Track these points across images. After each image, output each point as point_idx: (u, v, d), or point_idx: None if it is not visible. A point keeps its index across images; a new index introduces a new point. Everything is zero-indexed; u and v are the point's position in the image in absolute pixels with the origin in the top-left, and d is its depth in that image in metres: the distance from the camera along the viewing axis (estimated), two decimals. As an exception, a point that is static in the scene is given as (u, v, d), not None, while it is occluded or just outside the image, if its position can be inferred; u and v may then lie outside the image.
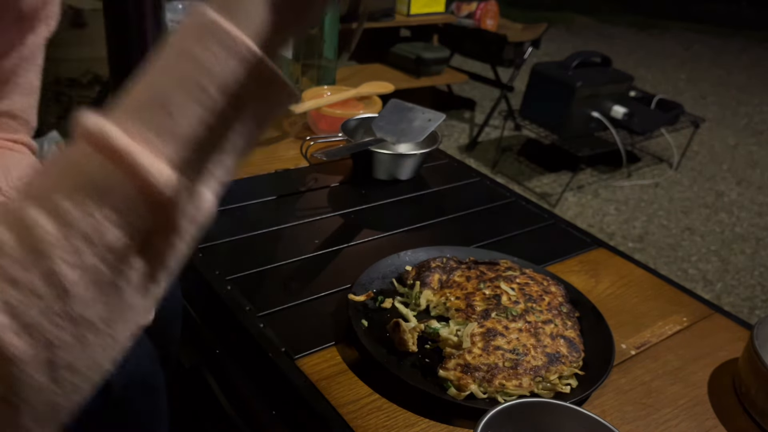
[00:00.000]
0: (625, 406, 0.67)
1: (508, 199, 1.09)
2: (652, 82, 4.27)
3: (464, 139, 3.08)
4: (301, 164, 1.11)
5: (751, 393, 0.68)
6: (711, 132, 3.47)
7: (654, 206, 2.64)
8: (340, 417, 0.62)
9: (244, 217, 0.94)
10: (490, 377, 0.65)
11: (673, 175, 2.94)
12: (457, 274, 0.79)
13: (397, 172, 1.09)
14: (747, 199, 2.80)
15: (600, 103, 2.58)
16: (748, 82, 4.54)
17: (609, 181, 2.80)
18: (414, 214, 1.01)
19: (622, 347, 0.75)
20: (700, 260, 2.30)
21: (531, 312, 0.73)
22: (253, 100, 0.34)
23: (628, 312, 0.82)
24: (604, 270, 0.91)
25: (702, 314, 0.83)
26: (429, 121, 1.08)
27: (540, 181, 2.74)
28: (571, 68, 2.53)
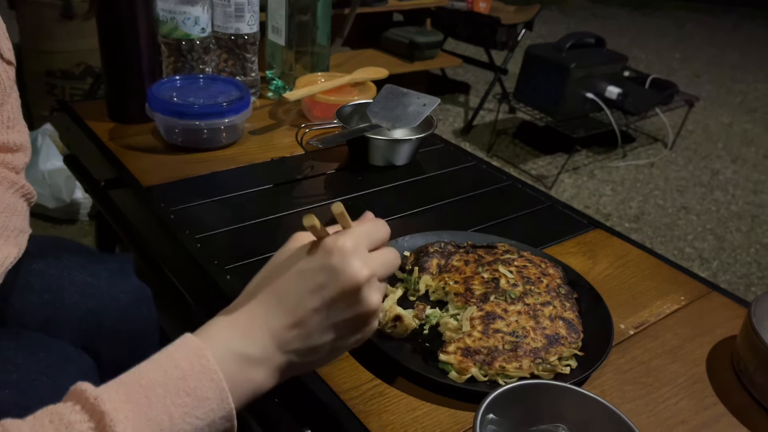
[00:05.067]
0: (625, 385, 0.68)
1: (505, 182, 1.09)
2: (646, 61, 4.26)
3: (459, 123, 3.07)
4: (297, 152, 1.10)
5: (750, 370, 0.68)
6: (705, 111, 3.47)
7: (649, 186, 2.65)
8: (343, 403, 0.62)
9: (241, 207, 0.94)
10: (491, 360, 0.65)
11: (668, 154, 2.94)
12: (455, 259, 0.79)
13: (393, 158, 1.09)
14: (742, 177, 2.80)
15: (594, 84, 2.57)
16: (742, 60, 4.54)
17: (604, 161, 2.80)
18: (411, 199, 1.01)
19: (621, 327, 0.76)
20: (696, 239, 2.31)
21: (529, 294, 0.73)
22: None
23: (626, 292, 0.83)
24: (602, 251, 0.91)
25: (699, 293, 0.84)
26: (424, 105, 1.07)
27: (536, 163, 2.74)
28: (565, 50, 2.52)
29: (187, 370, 0.43)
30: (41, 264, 0.72)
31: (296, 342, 0.47)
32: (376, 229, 0.52)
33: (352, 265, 0.47)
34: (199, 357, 0.44)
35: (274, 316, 0.47)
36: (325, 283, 0.47)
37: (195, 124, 1.04)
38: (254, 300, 0.48)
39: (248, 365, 0.46)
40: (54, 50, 2.11)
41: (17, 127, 0.68)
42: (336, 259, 0.47)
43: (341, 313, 0.48)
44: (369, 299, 0.48)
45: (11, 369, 0.59)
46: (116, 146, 1.06)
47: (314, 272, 0.47)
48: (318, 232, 0.49)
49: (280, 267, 0.49)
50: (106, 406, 0.39)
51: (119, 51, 1.11)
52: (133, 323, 0.76)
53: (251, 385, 0.46)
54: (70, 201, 1.90)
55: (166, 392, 0.42)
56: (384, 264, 0.51)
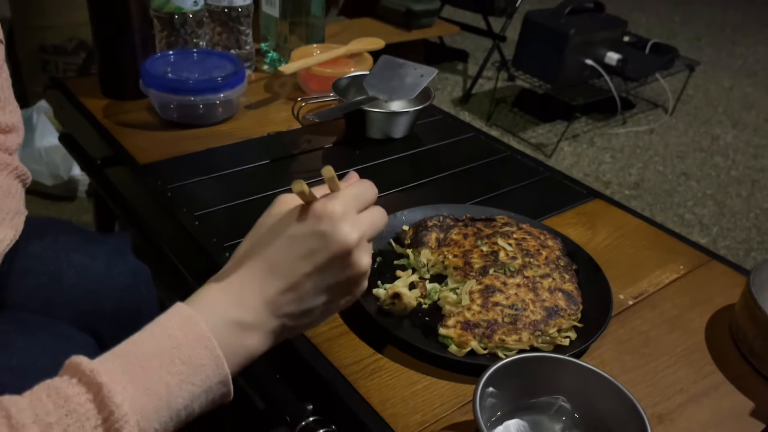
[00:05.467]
0: (624, 356, 0.68)
1: (504, 153, 1.08)
2: (646, 25, 4.21)
3: (458, 92, 3.04)
4: (294, 126, 1.10)
5: (748, 338, 0.69)
6: (706, 75, 3.43)
7: (649, 152, 2.63)
8: (343, 378, 0.62)
9: (239, 183, 0.93)
10: (490, 333, 0.66)
11: (668, 120, 2.92)
12: (454, 232, 0.79)
13: (391, 131, 1.08)
14: (742, 142, 2.79)
15: (594, 50, 2.54)
16: (743, 21, 4.48)
17: (604, 129, 2.78)
18: (409, 172, 1.01)
19: (620, 298, 0.76)
20: (696, 205, 2.30)
21: (529, 267, 0.73)
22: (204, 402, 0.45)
23: (625, 262, 0.83)
24: (601, 221, 0.91)
25: (699, 261, 0.84)
26: (421, 76, 1.06)
27: (535, 131, 2.72)
28: (564, 15, 2.48)
29: (181, 339, 0.44)
30: (38, 246, 0.72)
31: (289, 306, 0.48)
32: (364, 190, 0.53)
33: (342, 229, 0.48)
34: (192, 326, 0.44)
35: (267, 283, 0.48)
36: (317, 249, 0.48)
37: (190, 100, 1.03)
38: (245, 267, 0.49)
39: (242, 331, 0.47)
40: (46, 25, 2.07)
41: (9, 108, 0.68)
42: (326, 224, 0.48)
43: (333, 276, 0.49)
44: (359, 262, 0.49)
45: (11, 352, 0.59)
46: (111, 123, 1.05)
47: (305, 238, 0.48)
48: (306, 197, 0.50)
49: (269, 233, 0.50)
50: (103, 378, 0.40)
51: (110, 26, 1.09)
52: (133, 303, 0.76)
53: (246, 350, 0.47)
54: (68, 178, 1.89)
55: (161, 362, 0.42)
56: (372, 224, 0.52)
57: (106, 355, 0.43)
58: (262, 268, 0.48)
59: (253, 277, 0.48)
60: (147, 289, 0.79)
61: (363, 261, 0.50)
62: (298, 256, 0.48)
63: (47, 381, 0.41)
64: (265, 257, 0.49)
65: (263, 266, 0.48)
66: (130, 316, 0.76)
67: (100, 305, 0.73)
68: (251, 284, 0.48)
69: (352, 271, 0.50)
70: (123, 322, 0.75)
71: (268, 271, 0.48)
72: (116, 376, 0.41)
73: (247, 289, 0.48)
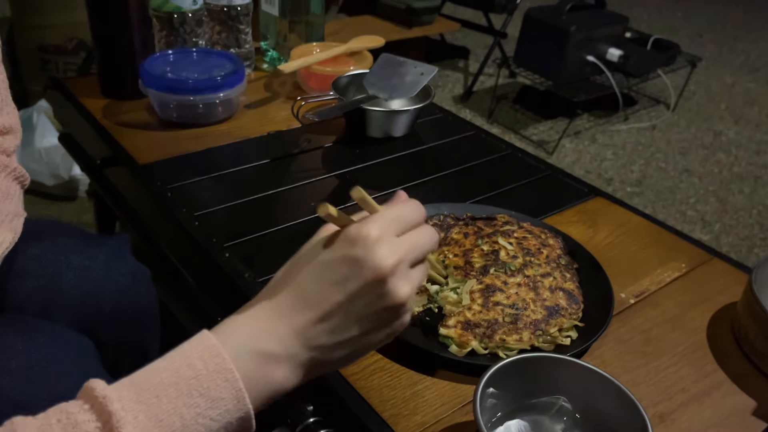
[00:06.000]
0: (625, 355, 0.68)
1: (504, 151, 1.08)
2: (648, 21, 4.19)
3: (459, 89, 3.04)
4: (293, 125, 1.09)
5: (750, 337, 0.68)
6: (708, 71, 3.42)
7: (651, 149, 2.63)
8: (344, 379, 0.62)
9: (238, 182, 0.93)
10: (491, 333, 0.65)
11: (670, 116, 2.91)
12: (454, 231, 0.79)
13: (391, 129, 1.07)
14: (745, 138, 2.78)
15: (595, 46, 2.53)
16: (746, 17, 4.46)
17: (606, 125, 2.77)
18: (409, 171, 1.00)
19: (621, 296, 0.76)
20: (698, 201, 2.30)
21: (529, 266, 0.73)
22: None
23: (627, 261, 0.82)
24: (602, 219, 0.90)
25: (701, 259, 0.84)
26: (421, 74, 1.06)
27: (537, 128, 2.71)
28: (565, 12, 2.47)
29: (201, 370, 0.41)
30: (38, 248, 0.71)
31: (321, 338, 0.45)
32: (407, 211, 0.48)
33: (376, 254, 0.44)
34: (214, 356, 0.42)
35: (297, 311, 0.45)
36: (349, 275, 0.44)
37: (189, 100, 1.03)
38: (275, 295, 0.46)
39: (268, 363, 0.44)
40: (45, 24, 2.07)
41: (6, 110, 0.67)
42: (359, 249, 0.44)
43: (367, 306, 0.45)
44: (396, 291, 0.45)
45: (11, 355, 0.59)
46: (110, 123, 1.05)
47: (337, 264, 0.45)
48: (338, 221, 0.46)
49: (301, 260, 0.47)
50: (114, 406, 0.38)
51: (109, 26, 1.09)
52: (133, 305, 0.76)
53: (271, 384, 0.44)
54: (68, 178, 1.89)
55: (178, 393, 0.40)
56: (414, 247, 0.47)
57: (124, 380, 0.41)
58: (292, 296, 0.45)
59: (283, 305, 0.45)
60: (147, 290, 0.78)
61: (401, 290, 0.45)
62: (329, 283, 0.45)
63: (62, 404, 0.40)
64: (296, 285, 0.46)
65: (294, 294, 0.45)
66: (130, 317, 0.76)
67: (100, 307, 0.72)
68: (280, 313, 0.45)
69: (388, 301, 0.45)
70: (122, 323, 0.75)
71: (299, 300, 0.45)
72: (129, 404, 0.39)
73: (276, 318, 0.45)
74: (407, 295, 0.46)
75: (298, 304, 0.45)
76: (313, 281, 0.45)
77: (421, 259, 0.48)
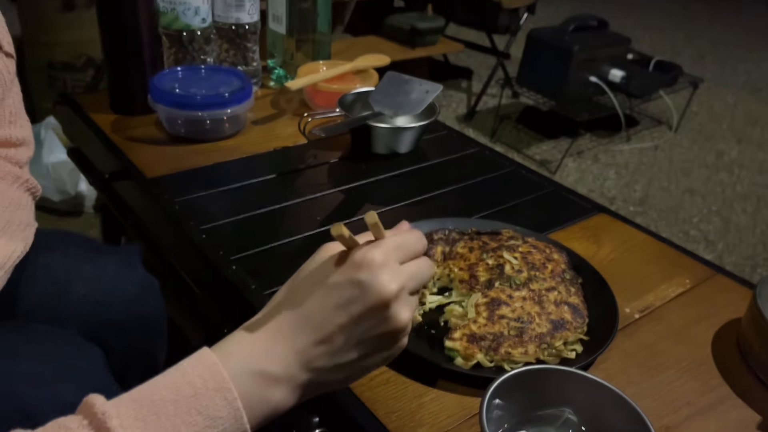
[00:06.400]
0: (630, 369, 0.68)
1: (508, 168, 1.09)
2: (650, 42, 4.23)
3: (462, 109, 3.06)
4: (300, 141, 1.10)
5: (755, 351, 0.69)
6: (710, 91, 3.44)
7: (654, 169, 2.64)
8: (350, 390, 0.63)
9: (245, 197, 0.94)
10: (496, 346, 0.66)
11: (672, 137, 2.93)
12: (459, 246, 0.80)
13: (396, 146, 1.08)
14: (747, 158, 2.79)
15: (598, 67, 2.56)
16: (747, 38, 4.50)
17: (608, 145, 2.79)
18: (414, 187, 1.01)
19: (626, 311, 0.76)
20: (701, 221, 2.30)
21: (534, 280, 0.73)
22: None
23: (631, 276, 0.83)
24: (606, 235, 0.91)
25: (704, 275, 0.84)
26: (426, 92, 1.07)
27: (539, 148, 2.73)
28: (568, 33, 2.50)
29: (200, 388, 0.42)
30: (48, 257, 0.72)
31: (321, 359, 0.46)
32: (410, 241, 0.49)
33: (379, 279, 0.45)
34: (214, 374, 0.42)
35: (299, 333, 0.45)
36: (352, 299, 0.45)
37: (197, 115, 1.04)
38: (278, 315, 0.46)
39: (267, 383, 0.44)
40: (55, 42, 2.10)
41: (19, 122, 0.68)
42: (364, 273, 0.45)
43: (369, 330, 0.46)
44: (398, 316, 0.46)
45: (21, 362, 0.59)
46: (119, 138, 1.06)
47: (341, 287, 0.45)
48: (347, 242, 0.47)
49: (305, 280, 0.47)
50: (113, 422, 0.39)
51: (120, 43, 1.11)
52: (141, 314, 0.76)
53: (270, 404, 0.45)
54: (75, 193, 1.90)
55: (176, 410, 0.41)
56: (414, 276, 0.48)
57: (124, 396, 0.41)
58: (294, 317, 0.46)
59: (285, 325, 0.46)
60: (155, 300, 0.79)
61: (402, 315, 0.46)
62: (333, 305, 0.45)
63: (61, 419, 0.40)
64: (299, 305, 0.46)
65: (296, 315, 0.46)
66: (138, 326, 0.76)
67: (109, 316, 0.73)
68: (282, 333, 0.45)
69: (390, 325, 0.46)
70: (131, 332, 0.76)
71: (301, 321, 0.46)
72: (127, 421, 0.39)
73: (278, 338, 0.45)
74: (407, 320, 0.47)
75: (301, 325, 0.46)
76: (316, 303, 0.46)
77: (419, 288, 0.50)
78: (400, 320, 0.46)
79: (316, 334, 0.45)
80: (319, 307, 0.46)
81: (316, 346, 0.45)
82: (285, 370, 0.45)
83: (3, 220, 0.62)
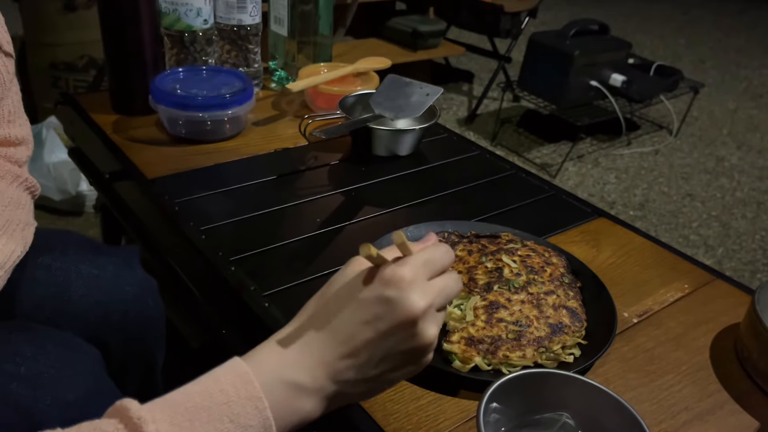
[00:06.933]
0: (628, 373, 0.68)
1: (508, 171, 1.09)
2: (650, 48, 4.24)
3: (463, 112, 3.06)
4: (300, 143, 1.11)
5: (753, 357, 0.69)
6: (710, 97, 3.45)
7: (654, 173, 2.64)
8: (348, 392, 0.62)
9: (245, 198, 0.94)
10: (494, 349, 0.66)
11: (672, 141, 2.93)
12: (458, 249, 0.80)
13: (397, 148, 1.09)
14: (747, 164, 2.79)
15: (598, 71, 2.56)
16: (748, 45, 4.51)
17: (609, 149, 2.79)
18: (414, 189, 1.01)
19: (624, 315, 0.76)
20: (701, 226, 2.30)
21: (533, 284, 0.73)
22: None
23: (630, 280, 0.83)
24: (605, 239, 0.91)
25: (703, 280, 0.84)
26: (427, 95, 1.07)
27: (540, 151, 2.73)
28: (569, 37, 2.50)
29: (232, 396, 0.43)
30: (48, 258, 0.72)
31: (348, 372, 0.47)
32: (438, 256, 0.50)
33: (408, 297, 0.46)
34: (245, 383, 0.43)
35: (328, 346, 0.46)
36: (381, 315, 0.46)
37: (198, 116, 1.05)
38: (308, 327, 0.47)
39: (297, 394, 0.45)
40: (57, 42, 2.10)
41: (18, 121, 0.69)
42: (393, 290, 0.46)
43: (396, 345, 0.47)
44: (425, 332, 0.47)
45: (19, 362, 0.59)
46: (120, 138, 1.07)
47: (370, 303, 0.46)
48: (375, 260, 0.48)
49: (336, 294, 0.48)
50: (150, 428, 0.39)
51: (122, 43, 1.11)
52: (140, 314, 0.76)
53: (298, 415, 0.46)
54: (75, 193, 1.90)
55: (209, 417, 0.41)
56: (443, 292, 0.49)
57: (157, 401, 0.42)
58: (324, 331, 0.47)
59: (314, 339, 0.47)
60: (154, 300, 0.79)
61: (429, 331, 0.47)
62: (361, 321, 0.46)
63: (95, 421, 0.40)
64: (329, 320, 0.47)
65: (326, 329, 0.47)
66: (137, 327, 0.76)
67: (108, 316, 0.73)
68: (311, 346, 0.47)
69: (417, 342, 0.47)
70: (129, 332, 0.76)
71: (331, 334, 0.47)
72: (163, 426, 0.40)
73: (306, 350, 0.46)
74: (434, 337, 0.48)
75: (330, 338, 0.46)
76: (346, 318, 0.47)
77: (446, 304, 0.50)
78: (426, 337, 0.47)
79: (343, 348, 0.46)
80: (348, 322, 0.47)
81: (344, 359, 0.46)
82: (313, 381, 0.46)
83: (2, 220, 0.62)
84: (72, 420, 0.40)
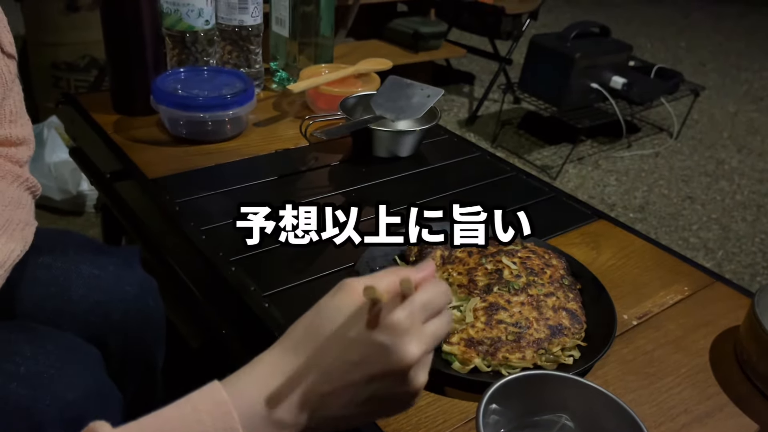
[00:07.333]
0: (628, 375, 0.68)
1: (509, 173, 1.09)
2: (651, 51, 4.24)
3: (464, 114, 3.06)
4: (301, 144, 1.11)
5: (752, 360, 0.69)
6: (711, 100, 3.45)
7: (654, 176, 2.64)
8: (347, 393, 0.62)
9: (246, 198, 0.94)
10: (494, 351, 0.66)
11: (673, 144, 2.93)
12: (458, 250, 0.80)
13: (397, 149, 1.09)
14: (747, 167, 2.79)
15: (599, 73, 2.56)
16: (748, 48, 4.51)
17: (609, 152, 2.79)
18: (415, 190, 1.01)
19: (624, 318, 0.76)
20: (701, 229, 2.30)
21: (533, 285, 0.73)
22: None
23: (630, 283, 0.83)
24: (605, 242, 0.91)
25: (703, 283, 0.84)
26: (428, 97, 1.07)
27: (540, 153, 2.73)
28: (570, 39, 2.50)
29: (209, 426, 0.42)
30: (48, 257, 0.72)
31: (330, 410, 0.46)
32: (436, 297, 0.48)
33: (404, 346, 0.44)
34: (224, 413, 0.42)
35: (311, 382, 0.45)
36: (372, 359, 0.45)
37: (199, 117, 1.05)
38: (294, 359, 0.46)
39: (274, 428, 0.44)
40: (59, 42, 2.11)
41: (20, 121, 0.69)
42: (388, 336, 0.44)
43: (383, 389, 0.46)
44: (415, 379, 0.46)
45: (19, 362, 0.59)
46: (121, 138, 1.07)
47: (361, 345, 0.45)
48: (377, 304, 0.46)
49: (326, 326, 0.46)
50: None
51: (123, 43, 1.11)
52: (140, 315, 0.76)
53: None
54: (76, 193, 1.90)
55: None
56: (437, 338, 0.48)
57: (131, 424, 0.41)
58: (309, 366, 0.45)
59: (298, 372, 0.45)
60: (154, 301, 0.79)
61: (419, 379, 0.46)
62: (351, 362, 0.45)
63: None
64: (316, 354, 0.46)
65: (311, 364, 0.45)
66: (137, 327, 0.76)
67: (108, 316, 0.73)
68: (293, 380, 0.45)
69: (406, 388, 0.46)
70: (129, 332, 0.76)
71: (316, 371, 0.45)
72: None
73: (288, 385, 0.45)
74: (423, 383, 0.47)
75: (314, 374, 0.45)
76: (335, 355, 0.45)
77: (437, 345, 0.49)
78: (417, 383, 0.46)
79: (328, 386, 0.45)
80: (338, 359, 0.45)
81: (326, 397, 0.45)
82: (293, 417, 0.45)
83: (2, 219, 0.62)
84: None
